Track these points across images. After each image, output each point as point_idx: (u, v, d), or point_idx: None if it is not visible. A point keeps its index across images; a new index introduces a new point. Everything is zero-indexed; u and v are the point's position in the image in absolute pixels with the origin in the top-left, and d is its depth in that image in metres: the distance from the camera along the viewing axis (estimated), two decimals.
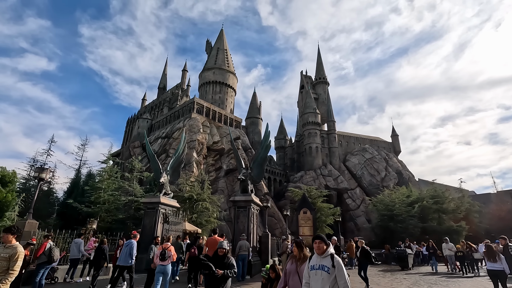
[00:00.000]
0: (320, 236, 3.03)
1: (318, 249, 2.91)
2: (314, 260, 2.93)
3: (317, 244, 2.93)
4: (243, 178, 14.96)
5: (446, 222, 27.69)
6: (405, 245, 16.85)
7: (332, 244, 10.44)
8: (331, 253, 2.87)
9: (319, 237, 3.00)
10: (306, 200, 14.52)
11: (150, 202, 15.51)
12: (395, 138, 65.28)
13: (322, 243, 2.90)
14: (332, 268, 2.76)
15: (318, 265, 2.84)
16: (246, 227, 13.95)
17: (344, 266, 2.91)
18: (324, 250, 2.88)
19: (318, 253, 2.92)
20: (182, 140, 17.93)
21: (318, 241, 2.94)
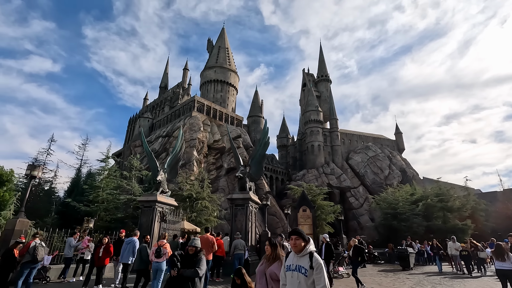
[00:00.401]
0: (297, 230, 2.60)
1: (294, 247, 2.50)
2: (291, 259, 2.53)
3: (293, 241, 2.52)
4: (241, 176, 14.66)
5: (451, 221, 27.15)
6: (406, 244, 16.41)
7: (350, 244, 10.04)
8: (310, 252, 2.45)
9: (296, 232, 2.57)
10: (306, 198, 14.15)
11: (147, 201, 15.28)
12: (399, 136, 64.42)
13: (299, 239, 2.49)
14: (310, 270, 2.35)
15: (295, 265, 2.45)
16: (244, 226, 13.64)
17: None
18: (302, 248, 2.48)
19: (295, 251, 2.51)
20: (179, 137, 17.65)
21: (295, 237, 2.52)
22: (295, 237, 2.52)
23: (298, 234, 2.53)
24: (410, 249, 14.20)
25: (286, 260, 2.59)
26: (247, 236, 13.43)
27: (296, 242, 2.50)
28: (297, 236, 2.53)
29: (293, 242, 2.51)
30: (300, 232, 2.57)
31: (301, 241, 2.50)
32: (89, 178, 23.43)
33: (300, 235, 2.52)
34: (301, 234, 2.54)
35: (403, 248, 14.24)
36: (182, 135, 17.86)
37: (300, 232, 2.57)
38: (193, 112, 40.66)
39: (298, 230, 2.60)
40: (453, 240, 13.41)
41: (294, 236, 2.53)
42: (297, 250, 2.49)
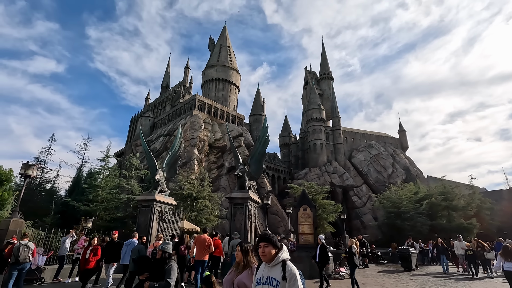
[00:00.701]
0: (266, 237, 2.17)
1: (263, 255, 2.09)
2: (261, 270, 2.14)
3: (262, 249, 2.10)
4: (240, 174, 14.37)
5: (456, 220, 26.72)
6: (408, 244, 15.95)
7: (348, 244, 9.68)
8: (282, 260, 2.05)
9: (264, 238, 2.15)
10: (306, 197, 13.80)
11: (145, 200, 15.09)
12: (402, 134, 63.70)
13: (268, 246, 2.09)
14: (283, 282, 1.97)
15: (266, 277, 2.06)
16: (243, 225, 13.35)
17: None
18: (272, 257, 2.08)
19: (264, 261, 2.13)
20: (178, 135, 17.42)
21: (263, 244, 2.11)
22: (264, 244, 2.10)
23: (267, 241, 2.11)
24: (412, 249, 13.72)
25: (256, 272, 2.19)
26: (246, 236, 13.15)
27: (265, 250, 2.08)
28: (266, 242, 2.10)
29: (261, 250, 2.10)
30: (269, 237, 2.15)
31: (270, 248, 2.09)
32: (89, 178, 23.35)
33: (269, 242, 2.11)
34: (270, 240, 2.13)
35: (404, 248, 13.76)
36: (181, 133, 17.63)
37: (269, 237, 2.15)
38: (194, 111, 40.46)
39: (266, 235, 2.19)
40: (459, 239, 12.99)
41: (262, 243, 2.11)
42: (267, 259, 2.09)
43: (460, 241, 12.87)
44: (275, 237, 2.25)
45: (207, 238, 9.01)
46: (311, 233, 13.07)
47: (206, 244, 8.80)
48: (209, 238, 9.36)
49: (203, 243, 8.69)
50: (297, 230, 13.47)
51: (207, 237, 9.30)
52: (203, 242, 8.73)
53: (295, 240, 13.57)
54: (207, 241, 8.91)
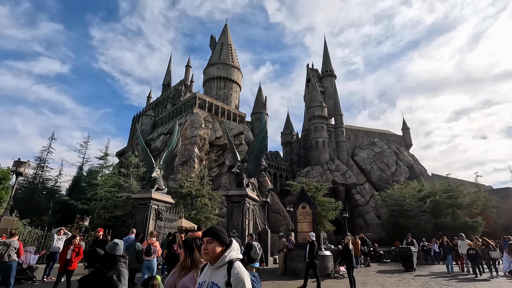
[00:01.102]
0: (210, 230, 1.72)
1: (205, 254, 1.67)
2: (204, 273, 1.72)
3: (205, 245, 1.67)
4: (238, 172, 14.09)
5: (461, 218, 26.22)
6: (407, 242, 15.25)
7: (345, 242, 9.35)
8: (229, 261, 1.62)
9: (209, 232, 1.72)
10: (305, 194, 13.43)
11: (142, 198, 14.92)
12: (406, 131, 62.80)
13: (212, 243, 1.65)
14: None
15: (207, 283, 1.65)
16: (241, 223, 13.09)
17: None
18: (216, 256, 1.64)
19: (206, 260, 1.70)
20: (175, 133, 17.17)
21: (207, 239, 1.68)
22: (207, 239, 1.66)
23: (211, 235, 1.67)
24: (412, 248, 13.06)
25: (199, 275, 1.75)
26: (243, 234, 12.88)
27: (208, 247, 1.63)
28: (209, 237, 1.66)
29: (203, 247, 1.67)
30: (214, 231, 1.69)
31: (215, 244, 1.64)
32: (89, 176, 23.25)
33: (214, 236, 1.66)
34: (215, 234, 1.67)
35: (406, 247, 13.08)
36: (178, 130, 17.37)
37: (215, 231, 1.69)
38: (194, 109, 40.22)
39: (212, 229, 1.73)
40: (461, 238, 12.43)
41: (206, 238, 1.67)
42: (209, 259, 1.64)
43: (463, 240, 12.29)
44: (224, 231, 1.76)
45: (199, 236, 8.95)
46: (310, 231, 12.68)
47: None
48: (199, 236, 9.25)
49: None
50: (296, 228, 13.12)
51: (199, 234, 9.22)
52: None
53: (294, 238, 13.20)
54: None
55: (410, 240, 15.28)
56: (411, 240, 15.37)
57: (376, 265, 15.79)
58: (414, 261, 12.45)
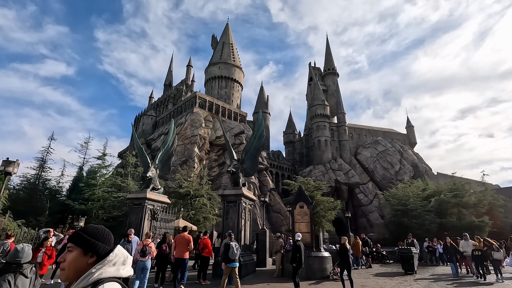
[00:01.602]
0: (75, 233, 1.17)
1: (61, 271, 1.10)
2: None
3: (63, 255, 1.11)
4: (234, 171, 13.74)
5: (466, 217, 25.51)
6: (407, 242, 14.36)
7: (342, 242, 8.86)
8: (96, 281, 1.01)
9: (74, 236, 1.15)
10: (302, 193, 12.99)
11: (136, 198, 14.67)
12: (410, 129, 61.76)
13: (73, 251, 1.09)
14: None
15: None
16: (236, 224, 12.73)
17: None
18: (74, 272, 1.07)
19: (64, 280, 1.11)
20: (171, 132, 16.89)
21: (69, 247, 1.11)
22: (70, 246, 1.10)
23: (75, 240, 1.12)
24: (413, 249, 12.02)
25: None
26: (239, 235, 12.53)
27: (66, 258, 1.08)
28: (72, 244, 1.11)
29: (60, 258, 1.10)
30: (78, 234, 1.15)
31: (77, 254, 1.08)
32: (87, 176, 23.08)
33: (78, 242, 1.11)
34: (81, 239, 1.11)
35: (406, 248, 12.08)
36: (174, 129, 17.11)
37: (81, 235, 1.13)
38: (194, 108, 39.95)
39: (77, 233, 1.16)
40: (465, 237, 11.48)
41: (69, 245, 1.11)
42: (66, 277, 1.08)
43: (467, 240, 11.33)
44: (101, 233, 1.19)
45: (186, 236, 8.89)
46: (308, 231, 12.31)
47: (186, 242, 8.73)
48: (189, 236, 9.00)
49: (182, 241, 8.66)
50: (293, 229, 12.70)
51: (187, 235, 9.01)
52: (183, 239, 8.70)
53: (292, 239, 12.79)
54: (186, 238, 8.82)
55: (411, 241, 14.31)
56: (411, 240, 14.35)
57: (378, 266, 15.29)
58: (414, 263, 11.66)
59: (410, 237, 14.64)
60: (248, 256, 13.13)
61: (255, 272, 13.54)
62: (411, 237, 14.63)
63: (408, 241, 14.32)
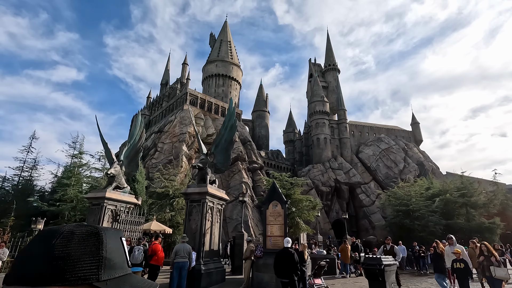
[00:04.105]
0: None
1: None
2: None
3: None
4: (200, 166, 12.03)
5: (476, 219, 23.40)
6: (385, 249, 9.83)
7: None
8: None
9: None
10: (276, 191, 11.21)
11: (95, 198, 13.12)
12: (416, 126, 58.97)
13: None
14: None
15: None
16: (199, 226, 11.02)
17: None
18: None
19: None
20: (137, 125, 15.26)
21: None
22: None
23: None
24: (387, 259, 7.69)
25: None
26: (202, 239, 10.83)
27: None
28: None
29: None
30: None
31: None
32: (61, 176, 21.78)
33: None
34: None
35: (372, 258, 7.80)
36: (141, 121, 15.46)
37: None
38: (185, 105, 38.60)
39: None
40: (450, 241, 8.05)
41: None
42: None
43: (452, 244, 7.93)
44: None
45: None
46: (282, 235, 10.49)
47: None
48: (128, 242, 7.90)
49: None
50: (265, 232, 10.94)
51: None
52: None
53: (263, 243, 11.01)
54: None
55: (390, 247, 9.89)
56: (391, 246, 9.95)
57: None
58: (388, 279, 7.36)
59: (389, 242, 10.29)
60: (214, 264, 11.38)
61: (225, 281, 11.77)
62: (390, 242, 10.29)
63: (386, 248, 9.89)
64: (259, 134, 61.20)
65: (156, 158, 31.43)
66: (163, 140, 33.23)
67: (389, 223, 28.15)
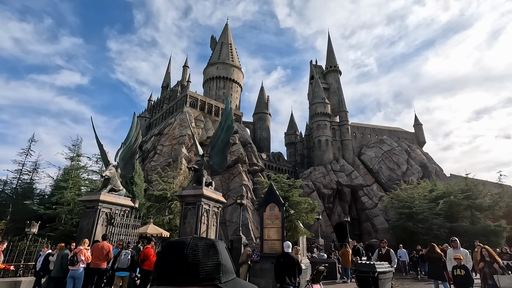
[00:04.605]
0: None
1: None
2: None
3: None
4: (196, 168, 11.77)
5: (481, 221, 22.89)
6: (380, 253, 8.86)
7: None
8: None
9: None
10: (273, 193, 10.89)
11: (89, 200, 12.92)
12: (418, 127, 58.34)
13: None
14: None
15: None
16: (194, 229, 10.71)
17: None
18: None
19: None
20: (133, 126, 15.03)
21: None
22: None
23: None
24: (382, 266, 6.97)
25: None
26: None
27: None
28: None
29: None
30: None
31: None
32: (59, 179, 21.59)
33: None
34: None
35: (365, 264, 7.17)
36: (137, 123, 15.24)
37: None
38: (185, 108, 38.48)
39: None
40: (454, 244, 7.44)
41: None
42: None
43: (456, 248, 7.32)
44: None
45: (105, 245, 8.28)
46: (279, 239, 10.17)
47: (104, 251, 8.13)
48: (108, 245, 8.36)
49: (99, 250, 8.14)
50: (262, 235, 10.60)
51: (106, 243, 8.35)
52: (100, 249, 8.17)
53: (260, 247, 10.67)
54: (105, 248, 8.19)
55: (386, 251, 8.74)
56: (386, 250, 8.78)
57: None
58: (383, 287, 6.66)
59: (384, 245, 9.03)
60: None
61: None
62: (386, 245, 9.01)
63: (381, 252, 8.76)
64: (260, 137, 60.92)
65: (156, 160, 31.24)
66: (162, 143, 33.06)
67: (392, 226, 27.66)
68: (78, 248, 7.68)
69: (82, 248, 7.67)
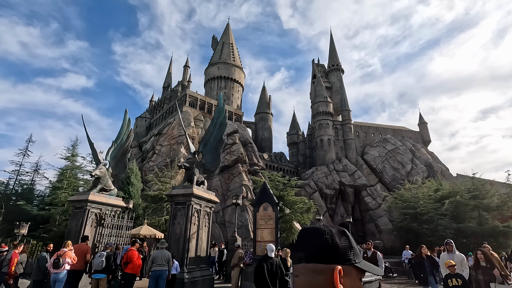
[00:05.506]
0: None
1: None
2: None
3: None
4: (187, 166, 11.26)
5: (489, 222, 21.99)
6: (365, 256, 7.19)
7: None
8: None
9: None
10: (267, 192, 10.35)
11: (78, 201, 12.47)
12: (423, 126, 57.15)
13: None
14: None
15: None
16: (183, 231, 10.20)
17: None
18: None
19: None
20: (124, 125, 14.58)
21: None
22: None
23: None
24: (371, 275, 5.87)
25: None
26: (187, 245, 9.99)
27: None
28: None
29: None
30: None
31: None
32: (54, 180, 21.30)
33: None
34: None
35: None
36: (128, 120, 14.78)
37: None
38: (184, 107, 38.14)
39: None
40: (449, 246, 6.49)
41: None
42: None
43: (451, 252, 6.36)
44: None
45: (84, 247, 8.29)
46: (273, 240, 9.61)
47: (83, 253, 8.09)
48: (87, 247, 8.40)
49: (80, 251, 8.09)
50: (254, 236, 10.04)
51: (85, 245, 8.36)
52: (82, 250, 8.15)
53: (253, 249, 10.11)
54: (83, 250, 8.15)
55: (372, 254, 7.14)
56: (372, 253, 7.19)
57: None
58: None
59: (369, 247, 7.56)
60: (201, 271, 10.50)
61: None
62: (371, 247, 7.54)
63: (366, 255, 7.17)
64: (262, 137, 60.36)
65: (154, 160, 30.90)
66: (161, 143, 32.73)
67: (396, 227, 26.91)
68: (62, 250, 7.42)
69: (66, 250, 7.44)
